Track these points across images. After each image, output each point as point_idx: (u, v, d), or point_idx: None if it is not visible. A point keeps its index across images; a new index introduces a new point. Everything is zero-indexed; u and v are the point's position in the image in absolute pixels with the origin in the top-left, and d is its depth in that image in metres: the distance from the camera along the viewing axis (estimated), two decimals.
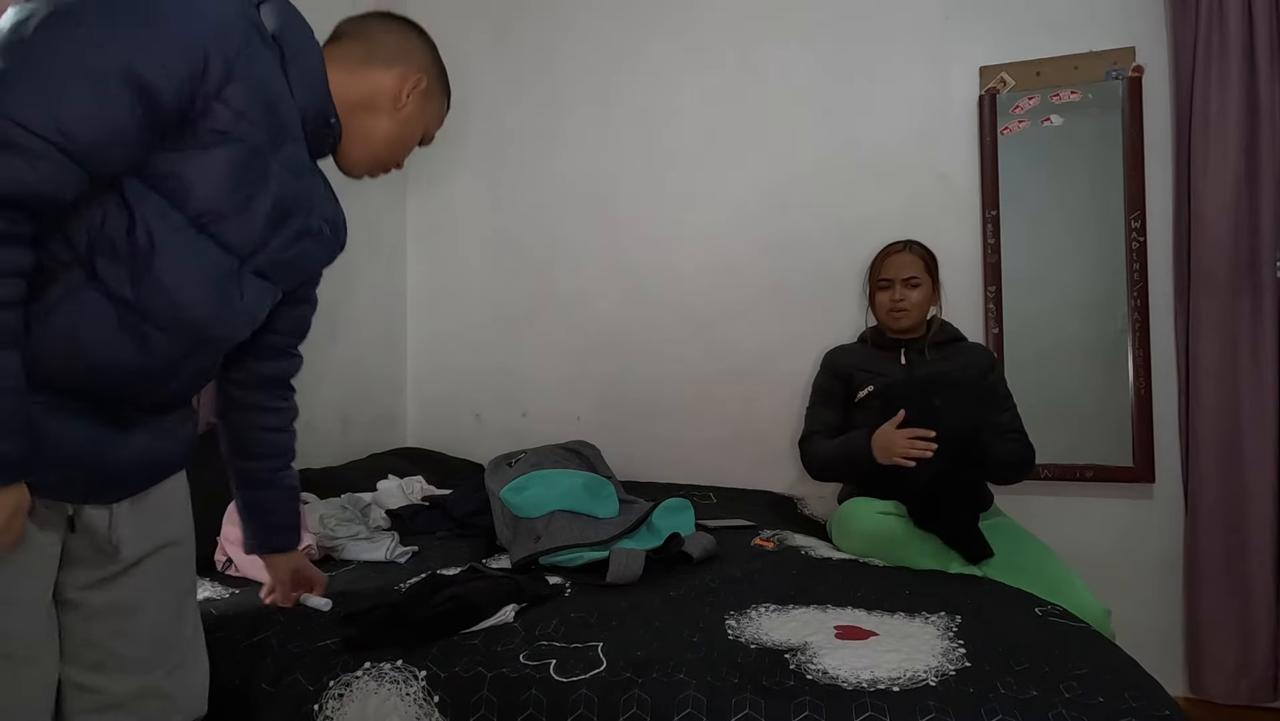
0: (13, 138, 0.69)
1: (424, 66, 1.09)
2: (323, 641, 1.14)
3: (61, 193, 0.73)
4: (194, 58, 0.78)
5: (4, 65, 0.70)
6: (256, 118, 0.86)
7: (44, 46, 0.71)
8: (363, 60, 1.03)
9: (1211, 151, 1.98)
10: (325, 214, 1.09)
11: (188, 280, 0.85)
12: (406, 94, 1.06)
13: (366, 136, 1.06)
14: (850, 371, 1.96)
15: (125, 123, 0.75)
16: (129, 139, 0.76)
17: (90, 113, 0.72)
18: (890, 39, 2.33)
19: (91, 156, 0.74)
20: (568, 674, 1.03)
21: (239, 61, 0.82)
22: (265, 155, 0.89)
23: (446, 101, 1.19)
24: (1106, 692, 0.96)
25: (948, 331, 1.98)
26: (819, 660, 1.06)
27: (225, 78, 0.81)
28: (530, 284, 2.66)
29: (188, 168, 0.82)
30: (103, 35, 0.72)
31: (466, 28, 2.74)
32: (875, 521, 1.65)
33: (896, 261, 1.97)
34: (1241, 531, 1.97)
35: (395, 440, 2.65)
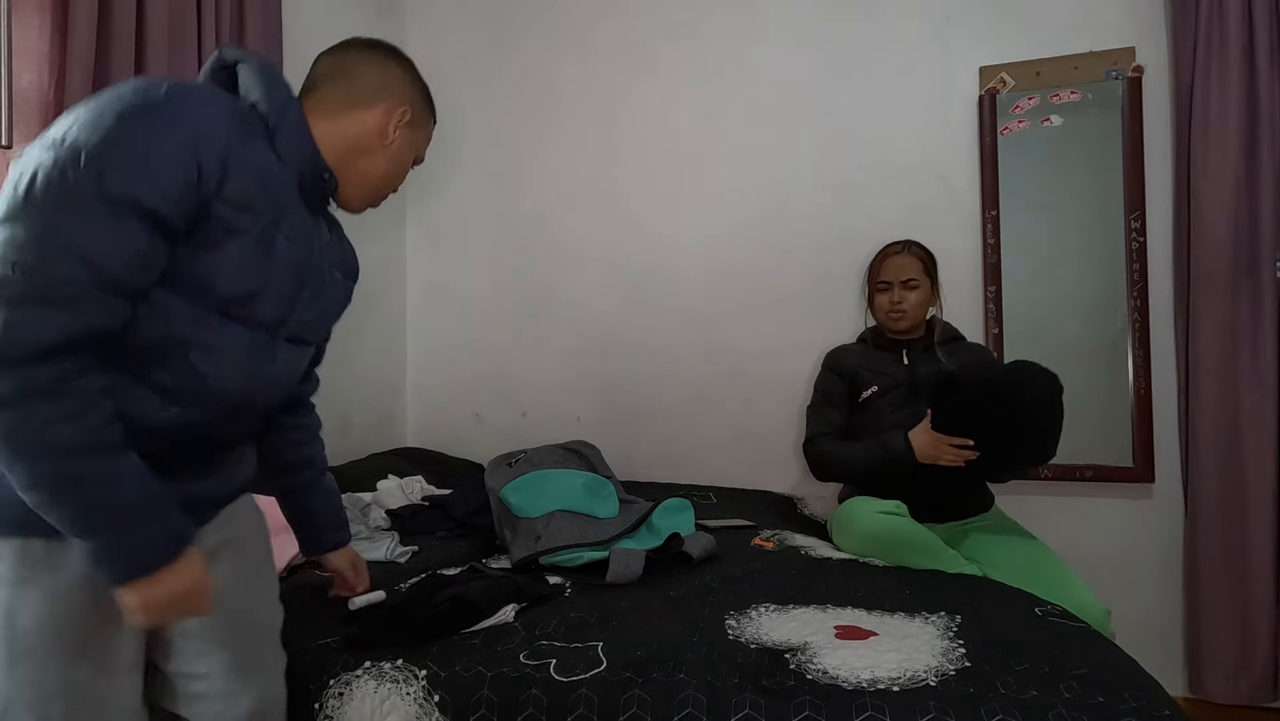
0: (51, 292, 0.75)
1: (406, 96, 1.09)
2: (323, 640, 1.14)
3: (111, 324, 0.80)
4: (188, 170, 0.81)
5: (21, 226, 0.75)
6: (258, 205, 0.90)
7: (52, 201, 0.75)
8: (345, 104, 1.04)
9: (1211, 151, 1.98)
10: (334, 260, 1.12)
11: (222, 366, 0.91)
12: (394, 129, 1.07)
13: (362, 177, 1.08)
14: (855, 371, 1.96)
15: (144, 245, 0.80)
16: (152, 259, 0.81)
17: (111, 248, 0.77)
18: (890, 39, 2.33)
19: (125, 284, 0.79)
20: (568, 673, 1.03)
21: (231, 159, 0.85)
22: (272, 234, 0.92)
23: (432, 119, 1.18)
24: (1106, 692, 0.96)
25: (947, 331, 1.98)
26: (819, 660, 1.06)
27: (221, 178, 0.84)
28: (530, 284, 2.66)
29: (203, 265, 0.86)
30: (104, 178, 0.76)
31: (467, 28, 2.74)
32: (876, 521, 1.65)
33: (895, 263, 1.96)
34: (1241, 531, 1.97)
35: (395, 440, 2.65)
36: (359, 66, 1.06)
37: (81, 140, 0.77)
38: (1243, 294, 1.98)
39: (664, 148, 2.53)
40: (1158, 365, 2.10)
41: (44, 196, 0.75)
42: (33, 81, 1.49)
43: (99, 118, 0.78)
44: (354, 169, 1.05)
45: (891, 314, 1.94)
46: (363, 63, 1.07)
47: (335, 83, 1.04)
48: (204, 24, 1.78)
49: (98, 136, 0.77)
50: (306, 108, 1.01)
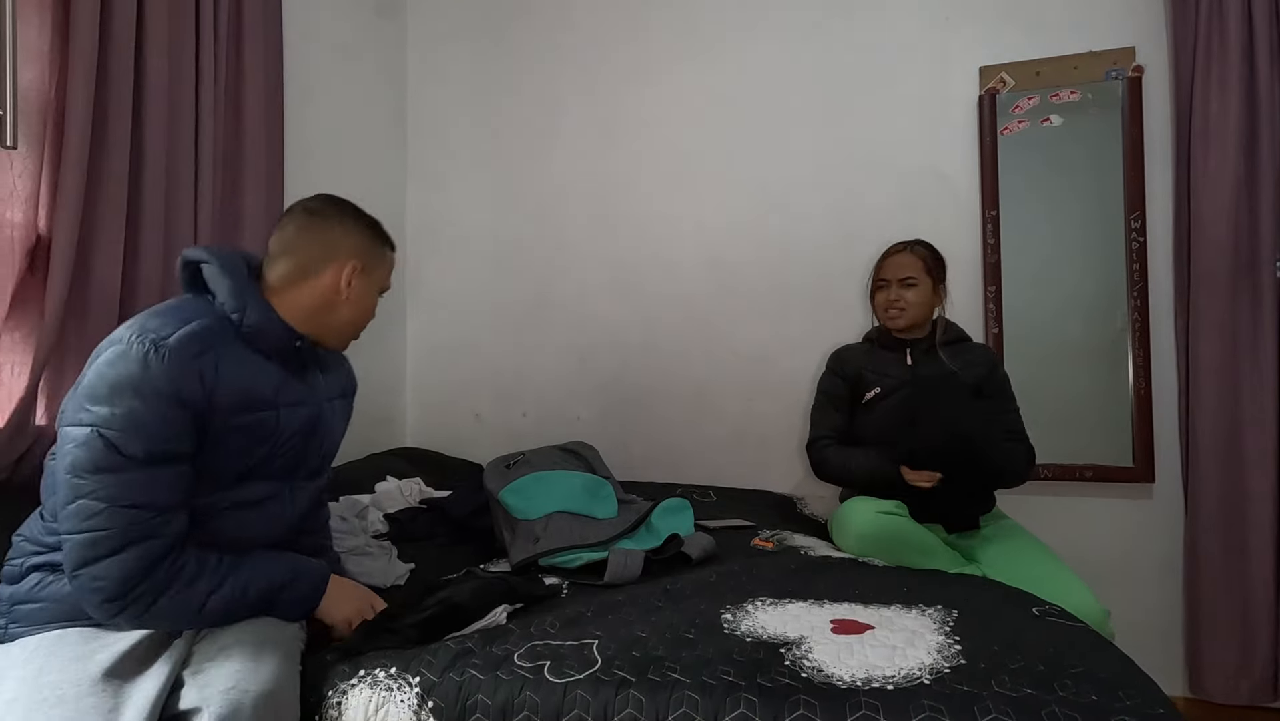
0: (143, 530, 1.01)
1: (352, 250, 1.24)
2: (321, 655, 1.13)
3: (180, 529, 1.06)
4: (182, 408, 1.03)
5: (97, 506, 1.00)
6: (246, 398, 1.10)
7: (105, 476, 1.00)
8: (298, 277, 1.20)
9: (1211, 152, 1.98)
10: (334, 392, 1.32)
11: (245, 530, 1.15)
12: (346, 284, 1.22)
13: (333, 329, 1.24)
14: (859, 372, 1.96)
15: (178, 477, 1.05)
16: (190, 481, 1.07)
17: (160, 487, 1.03)
18: (890, 39, 2.33)
19: (177, 505, 1.06)
20: (562, 675, 1.03)
21: (209, 382, 1.05)
22: (267, 411, 1.13)
23: (388, 249, 1.32)
24: (1101, 691, 0.96)
25: (952, 332, 1.96)
26: (814, 655, 1.06)
27: (208, 403, 1.05)
28: (530, 284, 2.66)
29: (217, 460, 1.09)
30: (131, 447, 1.00)
31: (467, 29, 2.75)
32: (875, 521, 1.65)
33: (894, 262, 1.96)
34: (1241, 531, 1.96)
35: (395, 440, 2.66)
36: (302, 237, 1.22)
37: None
38: (1243, 294, 1.97)
39: (664, 147, 2.54)
40: (1158, 365, 2.10)
41: (98, 475, 1.02)
42: (34, 80, 1.49)
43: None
44: (325, 325, 1.23)
45: (889, 311, 1.94)
46: (305, 232, 1.22)
47: (286, 260, 1.21)
48: (202, 24, 1.78)
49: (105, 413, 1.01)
50: (268, 290, 1.19)
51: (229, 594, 1.07)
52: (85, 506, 0.99)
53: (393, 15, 2.74)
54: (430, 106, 2.79)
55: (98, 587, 0.99)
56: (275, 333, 1.16)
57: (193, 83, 1.76)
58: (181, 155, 1.73)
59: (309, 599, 1.15)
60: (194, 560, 1.06)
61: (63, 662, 0.98)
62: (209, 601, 1.05)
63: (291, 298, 1.20)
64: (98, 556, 0.99)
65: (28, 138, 1.48)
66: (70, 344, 1.50)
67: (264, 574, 1.11)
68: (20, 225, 1.47)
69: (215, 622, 1.07)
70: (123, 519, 1.00)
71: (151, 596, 1.02)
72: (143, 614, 1.01)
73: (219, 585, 1.06)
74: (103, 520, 0.99)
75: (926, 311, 1.93)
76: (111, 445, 0.99)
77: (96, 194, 1.53)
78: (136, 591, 1.01)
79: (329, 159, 2.38)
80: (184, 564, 1.05)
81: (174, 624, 1.05)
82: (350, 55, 2.52)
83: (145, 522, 1.01)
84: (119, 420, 1.00)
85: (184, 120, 1.74)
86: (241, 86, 1.93)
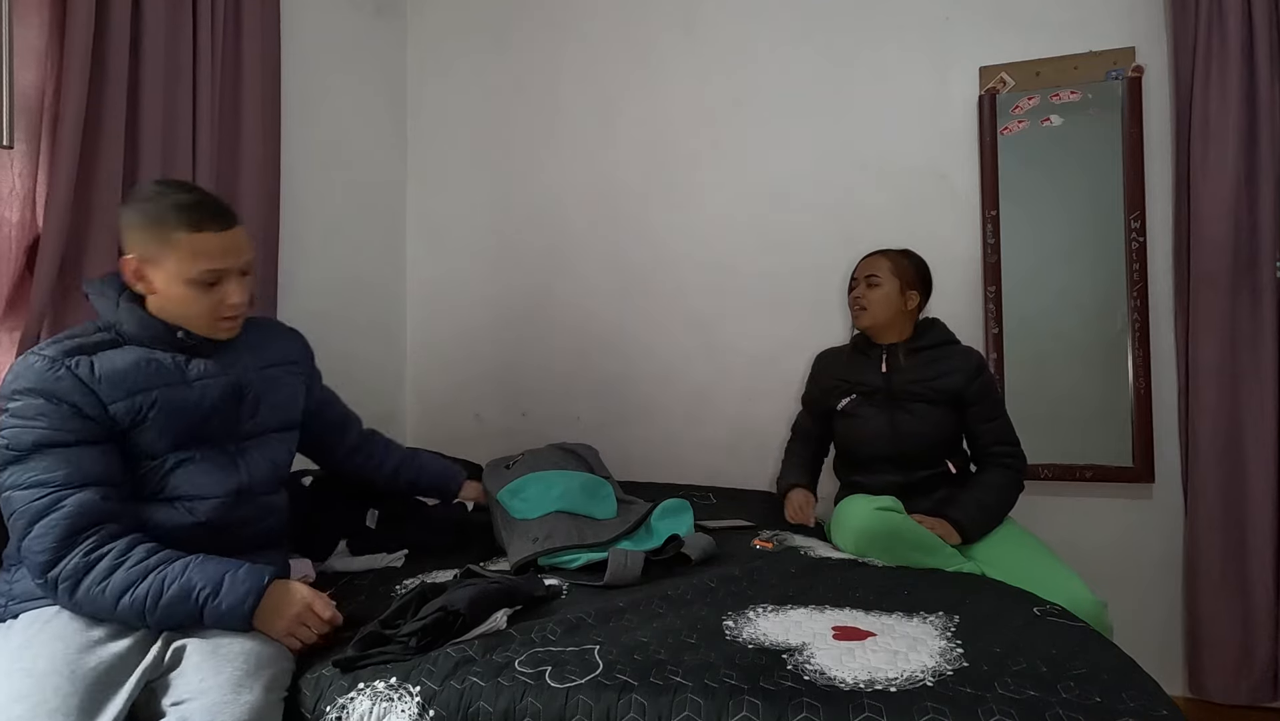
0: (47, 504, 1.10)
1: (131, 243, 1.22)
2: (319, 670, 1.12)
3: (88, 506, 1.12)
4: (58, 403, 1.12)
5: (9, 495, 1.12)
6: (134, 384, 1.17)
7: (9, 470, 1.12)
8: (133, 280, 1.23)
9: (1211, 152, 1.98)
10: (264, 363, 1.37)
11: (196, 486, 1.23)
12: (137, 279, 1.22)
13: (182, 322, 1.24)
14: (832, 384, 2.00)
15: (71, 458, 1.13)
16: (92, 464, 1.14)
17: (57, 468, 1.12)
18: (890, 39, 2.33)
19: (76, 483, 1.12)
20: (564, 680, 1.03)
21: (88, 381, 1.13)
22: (165, 389, 1.20)
23: (183, 233, 1.20)
24: (1104, 692, 0.96)
25: (936, 335, 1.93)
26: (816, 660, 1.06)
27: (96, 397, 1.14)
28: (530, 284, 2.66)
29: (149, 432, 1.19)
30: (18, 441, 1.12)
31: (467, 29, 2.74)
32: (873, 517, 1.65)
33: (864, 262, 1.99)
34: (1241, 531, 1.97)
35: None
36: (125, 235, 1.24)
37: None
38: (1242, 294, 1.97)
39: (664, 147, 2.53)
40: (1158, 365, 2.10)
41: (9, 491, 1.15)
42: (32, 81, 1.49)
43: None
44: (173, 319, 1.24)
45: (853, 309, 1.97)
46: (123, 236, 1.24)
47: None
48: (200, 24, 1.77)
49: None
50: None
51: (144, 594, 1.08)
52: (3, 500, 1.12)
53: (393, 15, 2.74)
54: (430, 106, 2.79)
55: (30, 566, 1.09)
56: (152, 330, 1.23)
57: (190, 82, 1.76)
58: (179, 155, 1.73)
59: (235, 611, 1.11)
60: (118, 549, 1.10)
61: (48, 640, 1.05)
62: (123, 600, 1.08)
63: (149, 301, 1.25)
64: (18, 540, 1.10)
65: (25, 137, 1.48)
66: None
67: (183, 580, 1.10)
68: (17, 224, 1.47)
69: (141, 624, 1.10)
70: (22, 500, 1.10)
71: (71, 580, 1.08)
72: (70, 598, 1.08)
73: (135, 582, 1.09)
74: (11, 504, 1.11)
75: (890, 312, 1.91)
76: (3, 441, 1.12)
77: (89, 192, 1.53)
78: (56, 571, 1.07)
79: (328, 159, 2.38)
80: (106, 551, 1.10)
81: (98, 615, 1.09)
82: (350, 55, 2.52)
83: (42, 499, 1.09)
84: (8, 420, 1.12)
85: (181, 120, 1.73)
86: (240, 86, 1.93)
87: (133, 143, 1.63)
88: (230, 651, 1.07)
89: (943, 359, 1.89)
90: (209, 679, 1.03)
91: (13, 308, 1.47)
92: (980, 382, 1.85)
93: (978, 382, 1.84)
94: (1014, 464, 1.85)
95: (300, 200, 2.21)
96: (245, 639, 1.10)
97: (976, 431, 1.86)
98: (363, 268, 2.56)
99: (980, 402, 1.85)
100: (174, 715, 1.00)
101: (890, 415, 1.87)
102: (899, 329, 1.93)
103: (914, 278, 1.94)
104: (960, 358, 1.89)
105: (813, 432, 2.10)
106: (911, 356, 1.89)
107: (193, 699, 1.01)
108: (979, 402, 1.84)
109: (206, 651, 1.07)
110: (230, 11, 1.89)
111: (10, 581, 1.16)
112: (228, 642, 1.09)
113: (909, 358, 1.89)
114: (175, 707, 1.01)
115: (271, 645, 1.11)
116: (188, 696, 1.01)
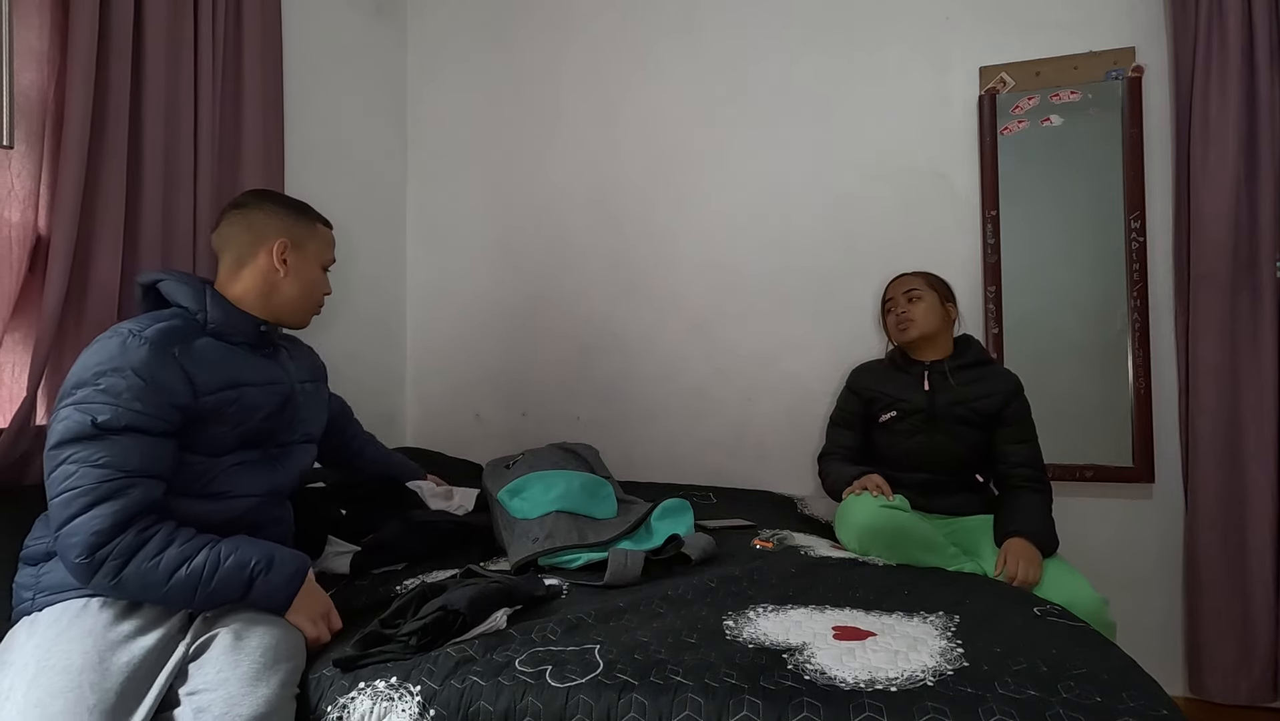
0: (112, 489, 1.07)
1: (279, 229, 1.34)
2: (320, 670, 1.12)
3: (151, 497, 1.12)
4: (157, 390, 1.12)
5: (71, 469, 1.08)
6: (221, 380, 1.20)
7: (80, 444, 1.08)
8: (237, 267, 1.32)
9: (1211, 151, 1.98)
10: (305, 376, 1.43)
11: (238, 486, 1.25)
12: (281, 260, 1.33)
13: (285, 308, 1.35)
14: (874, 394, 1.96)
15: (151, 448, 1.12)
16: (166, 458, 1.14)
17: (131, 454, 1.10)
18: (890, 39, 2.33)
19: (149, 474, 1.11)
20: (564, 679, 1.03)
21: (187, 369, 1.15)
22: (241, 389, 1.23)
23: (319, 225, 1.42)
24: (1105, 692, 0.96)
25: (975, 353, 1.93)
26: (817, 660, 1.06)
27: (190, 386, 1.15)
28: (530, 284, 2.66)
29: (211, 431, 1.21)
30: (103, 416, 1.09)
31: (467, 29, 2.74)
32: (878, 514, 1.65)
33: (897, 282, 2.00)
34: (1241, 531, 1.97)
35: (395, 440, 2.65)
36: (233, 233, 1.33)
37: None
38: (1242, 294, 1.97)
39: (664, 148, 2.53)
40: (1158, 365, 2.10)
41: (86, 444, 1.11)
42: (33, 81, 1.49)
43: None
44: (277, 306, 1.34)
45: (899, 325, 1.95)
46: (234, 228, 1.33)
47: (225, 255, 1.33)
48: (201, 24, 1.78)
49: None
50: (220, 286, 1.32)
51: (200, 566, 1.09)
52: (62, 471, 1.07)
53: (393, 15, 2.74)
54: (430, 106, 2.79)
55: (72, 544, 1.05)
56: (238, 322, 1.28)
57: (192, 83, 1.76)
58: (181, 156, 1.73)
59: (283, 589, 1.15)
60: (167, 529, 1.10)
61: (78, 635, 1.04)
62: (178, 572, 1.07)
63: (240, 288, 1.31)
64: (70, 515, 1.05)
65: (26, 138, 1.48)
66: (69, 345, 1.50)
67: (239, 553, 1.12)
68: (19, 225, 1.47)
69: (187, 601, 1.09)
70: (92, 477, 1.06)
71: (121, 559, 1.05)
72: (115, 577, 1.05)
73: (191, 556, 1.09)
74: (75, 480, 1.06)
75: (936, 323, 1.92)
76: (86, 415, 1.07)
77: (95, 194, 1.53)
78: (106, 550, 1.05)
79: (329, 159, 2.38)
80: (156, 531, 1.09)
81: (144, 593, 1.08)
82: (350, 55, 2.52)
83: (114, 482, 1.07)
84: (95, 395, 1.09)
85: (183, 121, 1.73)
86: (241, 86, 1.93)
87: (136, 145, 1.63)
88: (250, 645, 1.08)
89: (982, 379, 1.88)
90: (227, 670, 1.04)
91: (20, 309, 1.47)
92: (1018, 404, 1.86)
93: (1015, 404, 1.85)
94: (1045, 490, 1.83)
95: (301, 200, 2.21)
96: (266, 632, 1.10)
97: (1006, 451, 1.84)
98: (363, 268, 2.56)
99: (1015, 424, 1.84)
100: (189, 704, 1.01)
101: (929, 435, 1.86)
102: (942, 344, 1.93)
103: (947, 291, 1.97)
104: (1000, 379, 1.88)
105: (854, 447, 1.98)
106: (955, 375, 1.89)
107: (210, 690, 1.02)
108: (1014, 424, 1.84)
109: (227, 644, 1.07)
110: (231, 12, 1.89)
111: (38, 575, 1.16)
112: (250, 634, 1.09)
113: (954, 376, 1.89)
114: (191, 697, 1.02)
115: (289, 641, 1.12)
116: (204, 687, 1.02)
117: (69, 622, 1.06)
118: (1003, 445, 1.85)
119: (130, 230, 1.61)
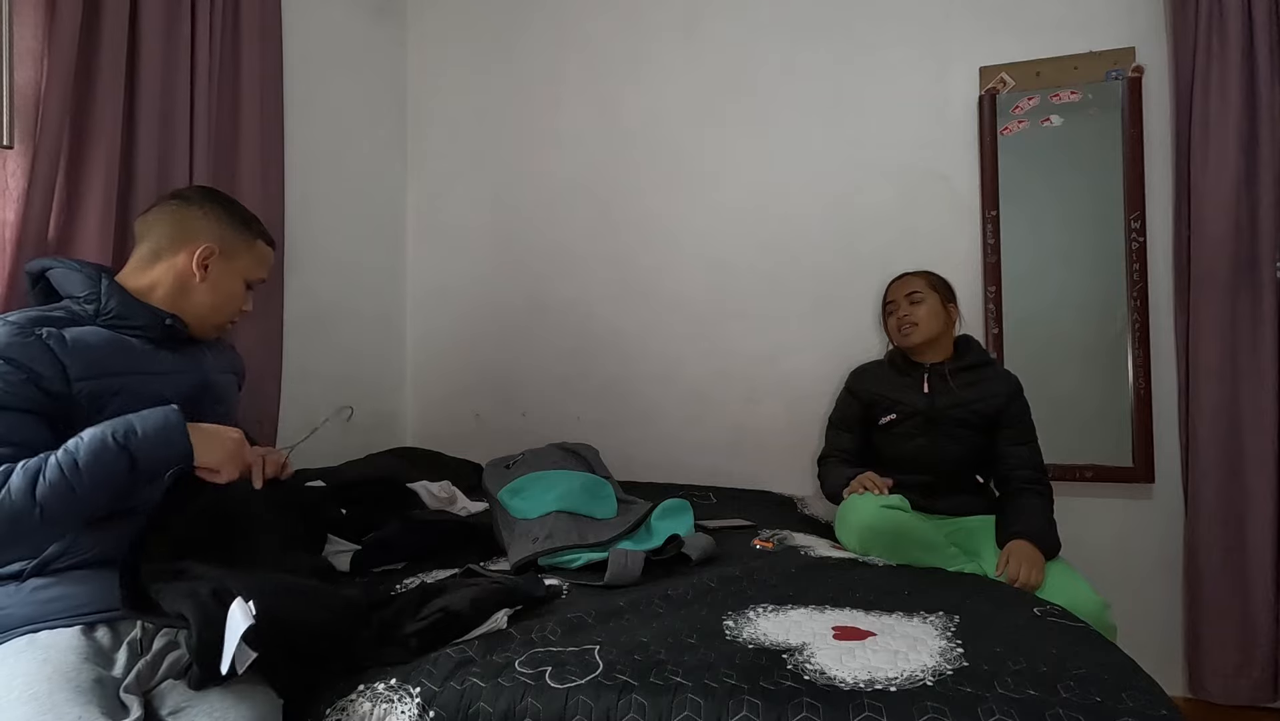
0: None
1: (210, 234, 1.28)
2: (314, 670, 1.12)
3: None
4: (18, 369, 1.06)
5: None
6: (103, 368, 1.13)
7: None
8: (151, 258, 1.26)
9: (1211, 151, 1.98)
10: (223, 367, 1.39)
11: None
12: (200, 265, 1.26)
13: (192, 313, 1.28)
14: (873, 398, 1.96)
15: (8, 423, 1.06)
16: (26, 433, 1.06)
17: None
18: (890, 40, 2.33)
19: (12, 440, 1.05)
20: (564, 680, 1.03)
21: (58, 353, 1.09)
22: (134, 376, 1.16)
23: (258, 241, 1.35)
24: (1104, 693, 0.96)
25: (975, 355, 1.93)
26: (816, 660, 1.06)
27: (62, 371, 1.09)
28: (530, 283, 2.66)
29: (104, 416, 1.09)
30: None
31: (467, 30, 2.74)
32: (878, 515, 1.65)
33: (899, 283, 2.00)
34: (1241, 531, 1.97)
35: (395, 440, 2.65)
36: (159, 223, 1.28)
37: None
38: (1243, 294, 1.97)
39: (664, 148, 2.53)
40: (1158, 365, 2.10)
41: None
42: (29, 79, 1.49)
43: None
44: (184, 308, 1.27)
45: (902, 330, 1.95)
46: (163, 219, 1.28)
47: (142, 243, 1.27)
48: (198, 24, 1.77)
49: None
50: (124, 273, 1.26)
51: (57, 471, 1.00)
52: None
53: (393, 16, 2.74)
54: (430, 107, 2.79)
55: None
56: (136, 312, 1.22)
57: (188, 84, 1.75)
58: (177, 155, 1.73)
59: (168, 438, 1.07)
60: (4, 469, 1.03)
61: (31, 664, 0.97)
62: (39, 489, 0.99)
63: (148, 280, 1.26)
64: None
65: (23, 137, 1.48)
66: None
67: (88, 438, 1.03)
68: (14, 224, 1.47)
69: (78, 510, 1.02)
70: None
71: None
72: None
73: (40, 469, 1.00)
74: None
75: (939, 326, 1.92)
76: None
77: (82, 192, 1.53)
78: None
79: (328, 159, 2.38)
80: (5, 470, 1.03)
81: (20, 531, 0.99)
82: (350, 56, 2.52)
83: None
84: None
85: (180, 120, 1.73)
86: (240, 87, 1.93)
87: (129, 143, 1.63)
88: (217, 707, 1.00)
89: (981, 381, 1.88)
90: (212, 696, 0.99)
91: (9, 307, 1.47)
92: (1017, 405, 1.86)
93: (1015, 406, 1.85)
94: (1046, 492, 1.83)
95: (301, 200, 2.21)
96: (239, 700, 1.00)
97: (1006, 453, 1.85)
98: (363, 267, 2.56)
99: (1014, 426, 1.85)
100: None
101: (930, 438, 1.87)
102: (943, 346, 1.94)
103: (949, 292, 1.97)
104: (1000, 381, 1.89)
105: (853, 449, 1.99)
106: (955, 377, 1.89)
107: (191, 706, 0.97)
108: (1014, 426, 1.85)
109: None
110: (230, 13, 1.89)
111: None
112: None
113: (954, 378, 1.89)
114: (174, 716, 0.97)
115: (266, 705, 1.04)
116: (186, 705, 0.98)
117: (16, 656, 0.99)
118: (1003, 447, 1.85)
119: (120, 229, 1.60)
